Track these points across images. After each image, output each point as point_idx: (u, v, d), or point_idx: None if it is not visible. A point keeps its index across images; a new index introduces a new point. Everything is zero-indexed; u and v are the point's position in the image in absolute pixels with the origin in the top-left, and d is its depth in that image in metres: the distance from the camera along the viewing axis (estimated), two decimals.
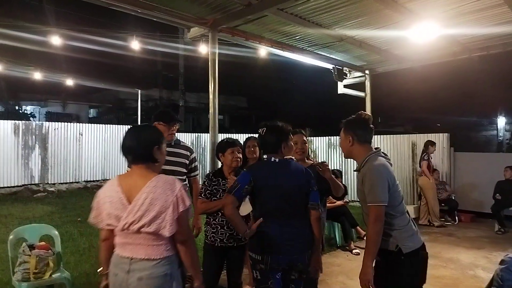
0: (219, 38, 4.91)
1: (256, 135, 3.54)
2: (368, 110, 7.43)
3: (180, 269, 2.07)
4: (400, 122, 24.13)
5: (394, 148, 10.07)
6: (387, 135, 10.39)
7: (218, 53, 4.78)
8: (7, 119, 13.00)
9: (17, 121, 12.11)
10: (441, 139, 9.29)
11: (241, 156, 3.42)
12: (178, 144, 3.56)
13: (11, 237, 3.52)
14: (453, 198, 8.12)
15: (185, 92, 20.73)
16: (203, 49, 5.61)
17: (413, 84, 15.79)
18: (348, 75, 7.44)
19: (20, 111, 22.13)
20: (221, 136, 4.90)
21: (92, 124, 14.09)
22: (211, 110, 4.62)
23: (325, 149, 11.51)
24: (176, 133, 3.56)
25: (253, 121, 28.55)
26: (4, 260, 4.77)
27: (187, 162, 3.54)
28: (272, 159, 2.56)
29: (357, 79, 7.62)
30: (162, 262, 1.95)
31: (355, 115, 2.64)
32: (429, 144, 7.93)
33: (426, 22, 4.73)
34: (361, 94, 7.57)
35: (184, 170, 3.51)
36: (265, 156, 2.67)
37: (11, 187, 11.28)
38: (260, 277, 2.46)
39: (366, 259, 2.30)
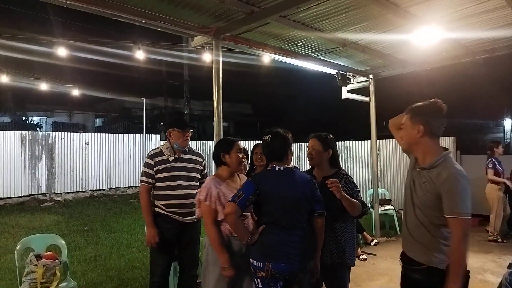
0: (223, 46, 4.94)
1: None
2: (372, 115, 7.41)
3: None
4: None
5: (400, 152, 10.03)
6: (393, 139, 10.35)
7: (222, 60, 4.81)
8: (14, 130, 13.16)
9: (24, 132, 12.27)
10: (447, 143, 9.25)
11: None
12: (191, 151, 3.63)
13: (18, 247, 3.54)
14: None
15: (190, 100, 20.81)
16: (207, 57, 5.64)
17: (418, 88, 15.74)
18: (352, 80, 7.43)
19: (27, 122, 22.33)
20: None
21: (98, 134, 14.21)
22: (215, 118, 4.63)
23: None
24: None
25: (258, 127, 28.57)
26: (11, 270, 4.80)
27: (201, 168, 3.63)
28: (277, 168, 2.54)
29: (361, 84, 7.60)
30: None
31: (427, 101, 2.16)
32: (494, 146, 6.87)
33: (429, 26, 4.73)
34: (366, 98, 7.55)
35: (199, 176, 3.59)
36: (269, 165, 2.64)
37: (18, 197, 11.39)
38: (261, 285, 2.45)
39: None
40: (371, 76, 7.42)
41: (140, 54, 7.62)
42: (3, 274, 4.92)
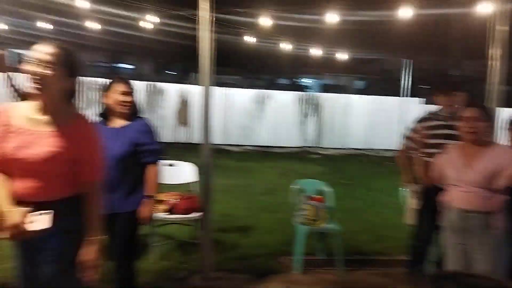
0: None
1: None
2: None
3: None
4: None
5: None
6: None
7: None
8: (291, 90, 15.55)
9: (300, 92, 14.37)
10: None
11: None
12: None
13: (294, 187, 4.33)
14: None
15: (460, 59, 18.52)
16: (484, 8, 4.88)
17: None
18: None
19: (299, 84, 25.68)
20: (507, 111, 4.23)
21: (359, 95, 14.90)
22: (490, 80, 4.02)
23: None
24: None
25: None
26: (286, 205, 5.87)
27: None
28: None
29: None
30: None
31: None
32: None
33: None
34: None
35: None
36: None
37: (293, 147, 13.60)
38: None
39: None
40: None
41: (405, 11, 7.17)
42: (279, 207, 6.05)
